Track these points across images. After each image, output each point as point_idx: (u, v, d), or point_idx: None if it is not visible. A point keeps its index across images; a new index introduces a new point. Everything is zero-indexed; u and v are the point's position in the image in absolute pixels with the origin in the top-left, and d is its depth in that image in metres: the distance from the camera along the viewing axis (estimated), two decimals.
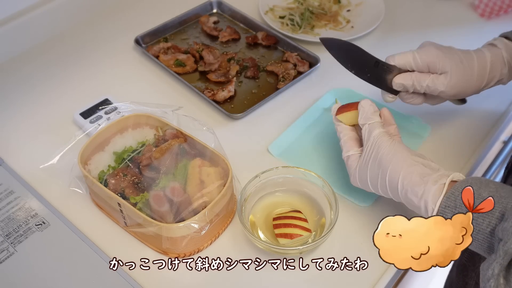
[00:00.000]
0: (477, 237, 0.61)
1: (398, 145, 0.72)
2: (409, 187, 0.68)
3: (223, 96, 0.99)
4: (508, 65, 0.81)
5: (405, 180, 0.69)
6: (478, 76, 0.80)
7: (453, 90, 0.80)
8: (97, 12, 1.20)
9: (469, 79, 0.80)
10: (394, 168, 0.70)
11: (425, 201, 0.66)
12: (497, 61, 0.80)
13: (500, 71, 0.81)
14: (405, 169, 0.69)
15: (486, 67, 0.80)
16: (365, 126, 0.75)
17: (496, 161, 1.17)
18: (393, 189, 0.71)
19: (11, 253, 0.77)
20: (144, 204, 0.76)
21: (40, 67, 1.07)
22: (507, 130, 1.15)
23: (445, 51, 0.80)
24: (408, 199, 0.69)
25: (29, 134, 0.95)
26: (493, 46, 0.82)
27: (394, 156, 0.71)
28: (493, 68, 0.80)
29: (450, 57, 0.79)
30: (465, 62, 0.79)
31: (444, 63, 0.78)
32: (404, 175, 0.69)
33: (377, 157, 0.72)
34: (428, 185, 0.66)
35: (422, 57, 0.79)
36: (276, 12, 1.20)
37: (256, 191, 0.82)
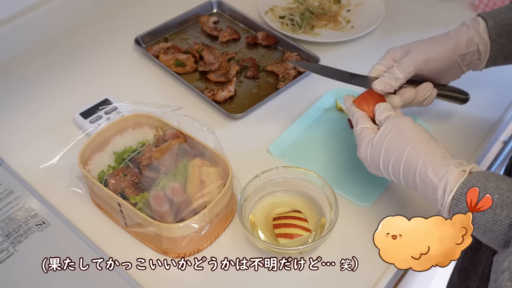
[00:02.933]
0: (493, 228, 0.60)
1: (420, 127, 0.72)
2: (431, 165, 0.67)
3: (223, 96, 0.99)
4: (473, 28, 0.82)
5: (428, 158, 0.67)
6: (441, 41, 0.82)
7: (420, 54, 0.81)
8: (97, 12, 1.20)
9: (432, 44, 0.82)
10: (416, 145, 0.69)
11: (446, 181, 0.65)
12: (460, 28, 0.83)
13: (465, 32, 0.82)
14: (428, 148, 0.68)
15: (448, 34, 0.83)
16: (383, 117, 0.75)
17: (496, 161, 1.17)
18: (408, 166, 0.69)
19: (11, 253, 0.77)
20: (144, 204, 0.76)
21: (40, 67, 1.08)
22: (507, 130, 1.15)
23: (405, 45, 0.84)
24: (426, 178, 0.67)
25: (29, 134, 0.95)
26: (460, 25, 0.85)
27: (418, 135, 0.70)
28: (458, 33, 0.82)
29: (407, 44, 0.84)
30: (425, 40, 0.83)
31: (402, 48, 0.83)
32: (427, 153, 0.68)
33: (398, 132, 0.71)
34: (451, 167, 0.66)
35: (386, 57, 0.84)
36: (276, 12, 1.20)
37: (256, 191, 0.82)
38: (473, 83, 0.90)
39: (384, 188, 0.86)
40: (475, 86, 0.92)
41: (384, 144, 0.72)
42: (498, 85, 1.02)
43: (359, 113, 0.78)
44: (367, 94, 0.80)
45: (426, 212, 0.83)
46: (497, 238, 0.61)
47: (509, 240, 0.60)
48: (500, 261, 0.55)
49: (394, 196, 0.85)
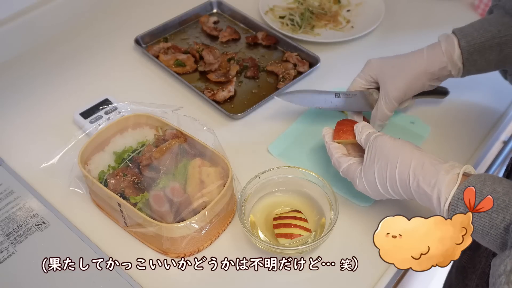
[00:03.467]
0: (490, 232, 0.61)
1: (401, 141, 0.73)
2: (421, 176, 0.67)
3: (223, 96, 0.99)
4: (447, 54, 0.84)
5: (417, 170, 0.68)
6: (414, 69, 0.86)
7: (398, 91, 0.86)
8: (97, 12, 1.20)
9: (406, 78, 0.86)
10: (403, 160, 0.70)
11: (438, 191, 0.65)
12: (435, 53, 0.85)
13: (439, 61, 0.85)
14: (416, 159, 0.69)
15: (421, 58, 0.86)
16: (364, 136, 0.77)
17: (496, 161, 1.17)
18: (403, 181, 0.70)
19: (11, 253, 0.77)
20: (144, 204, 0.76)
21: (40, 67, 1.08)
22: (507, 130, 1.15)
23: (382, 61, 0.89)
24: (420, 189, 0.68)
25: (29, 134, 0.95)
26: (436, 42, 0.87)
27: (402, 149, 0.71)
28: (431, 60, 0.85)
29: (384, 62, 0.88)
30: (395, 63, 0.87)
31: (379, 68, 0.88)
32: (415, 165, 0.68)
33: (382, 153, 0.72)
34: (441, 174, 0.66)
35: (365, 71, 0.90)
36: (276, 12, 1.20)
37: (256, 191, 0.82)
38: (473, 82, 0.91)
39: None
40: (475, 85, 0.93)
41: (375, 168, 0.73)
42: (497, 84, 1.02)
43: (337, 154, 0.80)
44: (341, 125, 0.83)
45: (426, 212, 0.82)
46: (494, 242, 0.61)
47: (505, 243, 0.60)
48: (496, 265, 0.56)
49: None
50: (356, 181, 0.76)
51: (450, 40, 0.85)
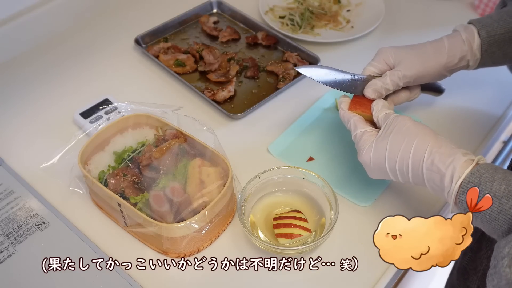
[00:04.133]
0: (498, 217, 0.61)
1: (422, 123, 0.73)
2: (437, 154, 0.68)
3: (223, 96, 0.99)
4: (467, 42, 0.83)
5: (435, 148, 0.68)
6: (434, 55, 0.83)
7: (412, 70, 0.83)
8: (97, 12, 1.20)
9: (425, 61, 0.83)
10: (422, 138, 0.70)
11: (453, 168, 0.66)
12: (455, 42, 0.83)
13: (460, 50, 0.83)
14: (434, 140, 0.70)
15: (442, 46, 0.84)
16: (382, 114, 0.76)
17: (496, 161, 1.17)
18: (416, 158, 0.69)
19: (11, 253, 0.77)
20: (144, 204, 0.76)
21: (40, 67, 1.08)
22: (507, 130, 1.15)
23: (396, 47, 0.85)
24: (433, 167, 0.68)
25: (29, 134, 0.95)
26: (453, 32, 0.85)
27: (422, 129, 0.71)
28: (452, 47, 0.83)
29: (400, 49, 0.85)
30: (415, 48, 0.84)
31: (395, 54, 0.84)
32: (433, 144, 0.69)
33: (401, 130, 0.72)
34: (458, 155, 0.67)
35: (378, 59, 0.85)
36: (276, 12, 1.20)
37: (256, 191, 0.82)
38: (473, 82, 0.91)
39: (384, 188, 0.86)
40: (475, 86, 0.93)
41: (388, 141, 0.72)
42: (497, 84, 1.02)
43: (355, 118, 0.79)
44: (359, 99, 0.82)
45: (426, 212, 0.83)
46: (501, 227, 0.61)
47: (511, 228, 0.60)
48: (501, 247, 0.56)
49: (394, 196, 0.85)
50: (363, 150, 0.75)
51: (469, 29, 0.83)
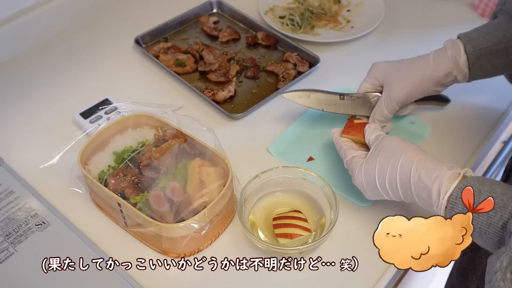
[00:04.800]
0: (488, 230, 0.61)
1: (408, 141, 0.75)
2: (423, 170, 0.69)
3: (223, 96, 0.99)
4: (453, 59, 0.85)
5: (420, 164, 0.69)
6: (420, 74, 0.86)
7: (401, 94, 0.86)
8: (97, 12, 1.20)
9: (410, 82, 0.86)
10: (407, 155, 0.71)
11: (440, 183, 0.66)
12: (440, 59, 0.86)
13: (445, 66, 0.85)
14: (419, 156, 0.71)
15: (427, 64, 0.86)
16: (373, 137, 0.79)
17: (496, 161, 1.17)
18: (404, 175, 0.70)
19: (11, 253, 0.77)
20: (144, 204, 0.76)
21: (40, 67, 1.08)
22: (507, 130, 1.15)
23: (387, 64, 0.89)
24: (420, 183, 0.69)
25: (29, 134, 0.95)
26: (441, 48, 0.87)
27: (407, 147, 0.73)
28: (437, 66, 0.86)
29: (390, 67, 0.88)
30: (402, 67, 0.87)
31: (384, 72, 0.88)
32: (418, 160, 0.70)
33: (388, 149, 0.74)
34: (444, 169, 0.68)
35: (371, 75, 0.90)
36: (276, 12, 1.20)
37: (256, 191, 0.82)
38: (472, 83, 0.90)
39: None
40: (475, 86, 0.92)
41: (377, 162, 0.74)
42: (497, 84, 1.02)
43: (345, 146, 0.81)
44: (351, 123, 0.85)
45: (426, 212, 0.82)
46: (492, 240, 0.62)
47: (502, 241, 0.60)
48: (492, 262, 0.56)
49: None
50: (355, 173, 0.77)
51: (456, 45, 0.85)
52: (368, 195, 0.77)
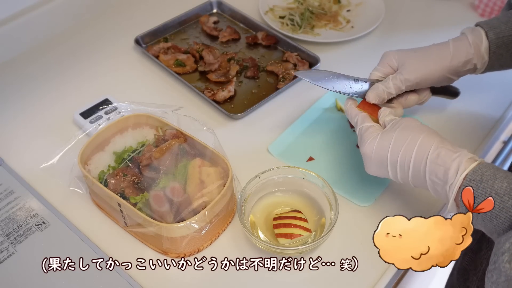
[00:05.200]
0: (499, 215, 0.61)
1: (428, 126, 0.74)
2: (444, 149, 0.68)
3: (223, 96, 0.99)
4: (474, 45, 0.82)
5: (441, 144, 0.69)
6: (438, 58, 0.83)
7: (414, 74, 0.82)
8: (97, 12, 1.20)
9: (428, 64, 0.83)
10: (429, 136, 0.71)
11: (459, 162, 0.66)
12: (461, 45, 0.83)
13: (465, 53, 0.82)
14: (440, 138, 0.71)
15: (447, 49, 0.83)
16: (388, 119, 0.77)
17: (496, 161, 1.17)
18: (421, 151, 0.70)
19: (11, 253, 0.77)
20: (144, 204, 0.76)
21: (40, 67, 1.08)
22: (507, 130, 1.15)
23: (400, 50, 0.85)
24: (439, 160, 0.68)
25: (29, 134, 0.95)
26: (460, 35, 0.85)
27: (429, 129, 0.72)
28: (457, 50, 0.83)
29: (404, 52, 0.84)
30: (419, 51, 0.84)
31: (398, 57, 0.84)
32: (440, 140, 0.70)
33: (408, 127, 0.73)
34: (464, 151, 0.68)
35: (382, 63, 0.86)
36: (276, 12, 1.20)
37: (256, 191, 0.82)
38: (473, 82, 0.91)
39: (384, 188, 0.86)
40: (475, 86, 0.93)
41: (395, 134, 0.73)
42: (498, 85, 1.02)
43: (362, 114, 0.79)
44: (368, 102, 0.83)
45: (426, 212, 0.83)
46: (502, 225, 0.61)
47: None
48: (501, 243, 0.56)
49: (394, 196, 0.85)
50: (367, 142, 0.75)
51: (476, 32, 0.83)
52: (371, 168, 0.76)
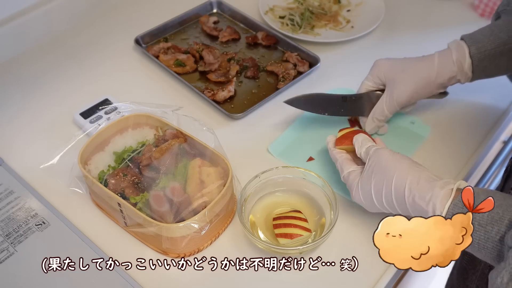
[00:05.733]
0: (486, 245, 0.61)
1: (399, 155, 0.73)
2: (416, 191, 0.68)
3: (223, 96, 0.99)
4: (457, 64, 0.85)
5: (412, 185, 0.68)
6: (425, 76, 0.86)
7: (404, 96, 0.87)
8: (97, 13, 1.20)
9: (415, 85, 0.86)
10: (400, 175, 0.70)
11: (433, 205, 0.66)
12: (445, 62, 0.86)
13: (449, 71, 0.86)
14: (412, 174, 0.69)
15: (432, 66, 0.86)
16: (363, 150, 0.77)
17: (496, 161, 1.17)
18: (399, 196, 0.70)
19: (11, 253, 0.77)
20: (144, 204, 0.76)
21: (40, 67, 1.08)
22: (507, 130, 1.15)
23: (390, 62, 0.89)
24: (415, 205, 0.68)
25: (29, 134, 0.95)
26: (446, 49, 0.87)
27: (399, 163, 0.71)
28: (441, 69, 0.86)
29: (393, 65, 0.88)
30: (407, 68, 0.87)
31: (388, 71, 0.88)
32: (411, 180, 0.69)
33: (381, 166, 0.72)
34: (436, 189, 0.66)
35: (373, 73, 0.89)
36: (276, 12, 1.20)
37: (256, 191, 0.82)
38: (473, 83, 0.90)
39: None
40: (475, 86, 0.92)
41: (371, 183, 0.73)
42: (498, 84, 1.02)
43: (341, 158, 0.81)
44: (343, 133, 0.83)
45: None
46: (491, 254, 0.62)
47: (501, 254, 0.60)
48: (493, 278, 0.56)
49: None
50: (353, 191, 0.77)
51: (460, 48, 0.85)
52: (369, 209, 0.77)
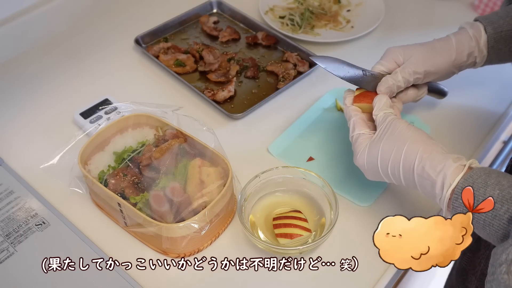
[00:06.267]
0: (492, 222, 0.60)
1: (415, 127, 0.73)
2: (428, 160, 0.67)
3: (223, 96, 0.99)
4: (474, 39, 0.83)
5: (425, 154, 0.68)
6: (443, 52, 0.83)
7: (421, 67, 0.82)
8: (97, 12, 1.20)
9: (433, 55, 0.83)
10: (413, 143, 0.69)
11: (444, 175, 0.65)
12: (462, 38, 0.83)
13: (468, 46, 0.83)
14: (425, 144, 0.69)
15: (450, 43, 0.83)
16: (381, 114, 0.76)
17: (496, 161, 1.18)
18: (407, 163, 0.69)
19: (11, 253, 0.77)
20: (144, 204, 0.76)
21: (40, 67, 1.08)
22: (507, 130, 1.15)
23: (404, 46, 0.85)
24: (424, 174, 0.67)
25: (29, 134, 0.95)
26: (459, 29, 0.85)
27: (414, 133, 0.71)
28: (460, 44, 0.83)
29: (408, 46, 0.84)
30: (424, 45, 0.84)
31: (404, 51, 0.84)
32: (424, 149, 0.68)
33: (394, 133, 0.72)
34: (449, 161, 0.66)
35: (387, 58, 0.85)
36: (276, 12, 1.20)
37: (256, 191, 0.82)
38: (473, 82, 0.91)
39: (384, 188, 0.86)
40: (475, 85, 0.93)
41: (381, 146, 0.72)
42: (498, 84, 1.02)
43: (355, 117, 0.78)
44: (366, 92, 0.81)
45: (426, 212, 0.83)
46: (496, 233, 0.61)
47: (508, 234, 0.60)
48: (498, 254, 0.55)
49: (394, 196, 0.85)
50: (358, 154, 0.75)
51: (476, 26, 0.83)
52: (368, 176, 0.76)
